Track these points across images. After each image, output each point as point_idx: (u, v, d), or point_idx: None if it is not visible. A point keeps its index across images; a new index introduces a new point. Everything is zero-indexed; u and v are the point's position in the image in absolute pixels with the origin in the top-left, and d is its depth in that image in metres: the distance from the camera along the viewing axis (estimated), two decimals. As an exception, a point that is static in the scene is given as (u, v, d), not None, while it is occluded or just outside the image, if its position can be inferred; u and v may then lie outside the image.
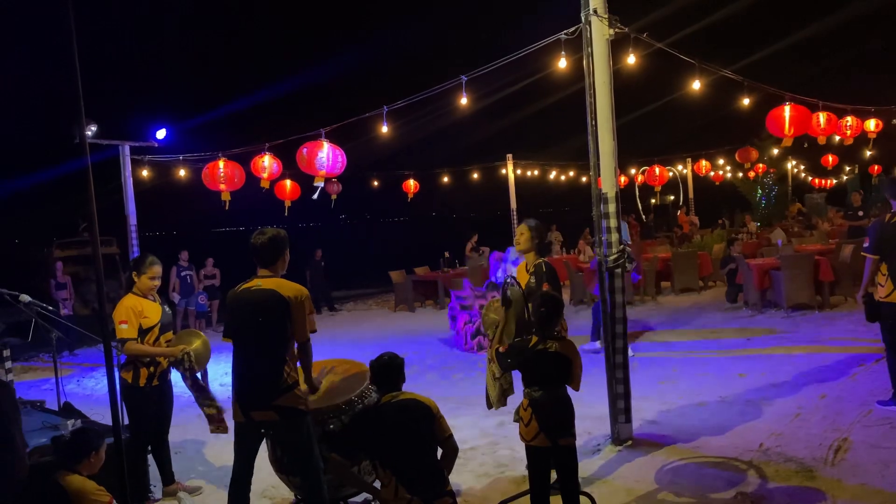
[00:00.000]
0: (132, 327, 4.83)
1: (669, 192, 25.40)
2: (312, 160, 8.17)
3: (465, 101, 7.22)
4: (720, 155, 22.59)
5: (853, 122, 10.40)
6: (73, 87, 3.15)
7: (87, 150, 3.30)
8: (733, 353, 8.56)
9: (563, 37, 5.95)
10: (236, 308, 3.99)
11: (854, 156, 24.99)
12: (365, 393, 4.30)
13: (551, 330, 3.98)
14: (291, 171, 10.33)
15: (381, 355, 3.70)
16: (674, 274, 14.23)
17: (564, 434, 3.89)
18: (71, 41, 3.10)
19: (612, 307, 5.60)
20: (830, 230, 18.54)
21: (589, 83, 5.57)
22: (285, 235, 4.10)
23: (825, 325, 9.78)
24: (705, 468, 4.98)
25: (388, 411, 3.52)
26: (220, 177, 9.36)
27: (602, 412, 5.82)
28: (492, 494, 4.81)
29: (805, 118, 8.15)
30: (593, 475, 4.98)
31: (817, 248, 12.76)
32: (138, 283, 5.00)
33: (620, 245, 5.56)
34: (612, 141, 5.56)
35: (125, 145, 9.96)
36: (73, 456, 3.40)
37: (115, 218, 10.10)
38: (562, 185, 22.42)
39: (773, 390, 6.76)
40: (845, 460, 4.90)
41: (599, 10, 5.45)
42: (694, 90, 7.51)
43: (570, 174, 22.15)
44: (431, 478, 3.42)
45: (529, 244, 5.07)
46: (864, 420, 5.67)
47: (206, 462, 6.02)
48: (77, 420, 5.54)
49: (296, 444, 3.91)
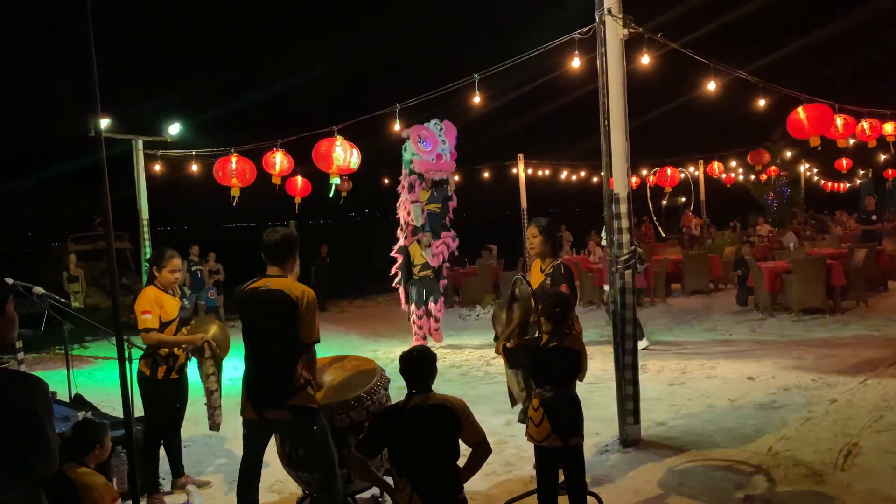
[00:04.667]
0: (155, 317, 4.88)
1: (681, 193, 25.28)
2: (329, 157, 8.21)
3: (477, 99, 7.22)
4: (732, 157, 22.47)
5: (871, 125, 10.31)
6: (90, 80, 3.17)
7: (103, 144, 3.33)
8: (743, 356, 8.52)
9: (576, 36, 5.94)
10: (245, 307, 3.99)
11: (868, 159, 24.80)
12: (374, 389, 4.31)
13: (563, 329, 3.98)
14: (303, 167, 10.38)
15: (413, 347, 3.55)
16: (684, 276, 14.18)
17: (574, 434, 3.88)
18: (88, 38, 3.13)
19: (621, 307, 5.58)
20: (843, 234, 18.42)
21: (602, 83, 5.55)
22: (297, 236, 4.12)
23: (836, 330, 9.72)
24: (714, 471, 4.96)
25: (415, 416, 3.30)
26: (232, 172, 9.40)
27: (611, 413, 5.80)
28: (499, 493, 4.81)
29: (825, 118, 8.07)
30: (601, 476, 4.96)
31: (829, 252, 12.68)
32: (159, 277, 5.04)
33: (632, 245, 5.54)
34: (624, 141, 5.54)
35: (138, 140, 10.02)
36: (79, 449, 3.42)
37: (126, 213, 10.16)
38: (573, 185, 22.37)
39: (783, 394, 6.73)
40: (855, 465, 4.86)
41: (614, 9, 5.43)
42: (708, 91, 7.47)
43: (582, 174, 22.10)
44: (449, 486, 3.34)
45: (544, 247, 5.05)
46: (875, 425, 5.63)
47: (216, 455, 6.05)
48: (88, 412, 5.58)
49: (311, 441, 3.92)
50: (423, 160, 9.96)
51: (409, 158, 10.15)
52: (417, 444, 3.29)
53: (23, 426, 2.18)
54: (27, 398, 2.21)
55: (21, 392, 2.22)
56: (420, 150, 9.93)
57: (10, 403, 2.19)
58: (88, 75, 3.23)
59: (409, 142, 10.04)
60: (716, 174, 21.33)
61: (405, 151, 10.22)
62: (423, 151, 9.95)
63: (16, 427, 2.17)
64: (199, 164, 10.66)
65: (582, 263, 14.75)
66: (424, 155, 9.95)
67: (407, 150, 10.16)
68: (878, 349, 8.29)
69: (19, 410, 2.19)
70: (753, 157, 19.14)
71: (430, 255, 10.09)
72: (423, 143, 9.92)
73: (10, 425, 2.16)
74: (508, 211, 17.35)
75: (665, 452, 5.36)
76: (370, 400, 4.26)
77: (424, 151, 9.95)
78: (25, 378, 2.29)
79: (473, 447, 3.36)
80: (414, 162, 10.01)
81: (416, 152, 9.95)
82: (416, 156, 9.97)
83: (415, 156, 9.99)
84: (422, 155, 9.94)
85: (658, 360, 8.62)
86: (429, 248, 10.07)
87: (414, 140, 9.92)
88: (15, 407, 2.19)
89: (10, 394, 2.21)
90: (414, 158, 10.01)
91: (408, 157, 10.17)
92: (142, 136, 10.06)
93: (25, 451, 2.18)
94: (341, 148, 8.29)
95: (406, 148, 10.16)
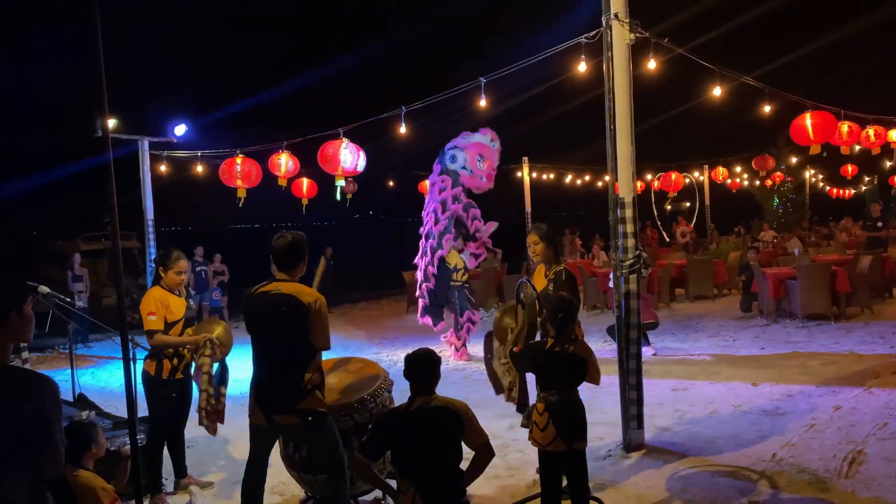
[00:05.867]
0: (160, 318, 4.89)
1: (685, 198, 25.25)
2: (334, 159, 8.23)
3: (483, 103, 7.22)
4: (737, 162, 22.44)
5: (876, 131, 10.30)
6: (98, 81, 3.18)
7: (110, 145, 3.34)
8: (747, 362, 8.50)
9: (583, 41, 5.94)
10: (254, 311, 3.98)
11: (873, 166, 24.76)
12: (378, 392, 4.31)
13: (568, 333, 3.98)
14: (308, 169, 10.39)
15: (417, 350, 3.51)
16: (688, 281, 14.15)
17: (579, 439, 3.88)
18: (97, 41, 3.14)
19: (626, 313, 5.57)
20: (848, 241, 18.37)
21: (608, 88, 5.56)
22: (305, 239, 4.10)
23: (841, 336, 9.68)
24: (717, 477, 4.95)
25: (418, 419, 3.30)
26: (238, 173, 9.43)
27: (614, 418, 5.80)
28: (502, 497, 4.80)
29: (829, 125, 8.07)
30: (604, 481, 4.96)
31: (834, 259, 12.65)
32: (165, 278, 5.06)
33: (637, 250, 5.54)
34: (630, 146, 5.54)
35: (144, 140, 10.05)
36: (74, 452, 3.39)
37: (135, 213, 10.20)
38: (577, 190, 22.34)
39: (787, 400, 6.71)
40: (860, 473, 4.85)
41: (621, 14, 5.43)
42: (713, 96, 7.47)
43: (586, 178, 22.08)
44: (451, 488, 3.33)
45: (546, 253, 5.04)
46: (880, 433, 5.61)
47: (218, 456, 6.06)
48: (91, 411, 5.60)
49: (320, 444, 3.93)
50: (473, 177, 9.76)
51: (455, 169, 9.82)
52: (420, 447, 3.28)
53: (31, 425, 2.18)
54: (36, 397, 2.21)
55: (30, 391, 2.23)
56: (476, 168, 9.72)
57: (18, 402, 2.20)
58: (96, 75, 3.25)
59: (462, 152, 9.79)
60: (719, 180, 21.29)
61: (453, 161, 9.87)
62: (478, 170, 9.75)
63: (24, 426, 2.17)
64: (204, 165, 10.69)
65: (586, 267, 14.74)
66: (478, 173, 9.76)
67: (457, 159, 9.83)
68: (882, 356, 8.26)
69: (28, 409, 2.19)
70: (758, 163, 19.13)
71: (469, 257, 9.97)
72: (481, 161, 9.75)
73: (19, 424, 2.17)
74: (512, 215, 17.28)
75: (668, 458, 5.35)
76: (374, 403, 4.26)
77: (479, 170, 9.76)
78: (35, 377, 2.29)
79: (476, 450, 3.35)
80: (463, 176, 9.76)
81: (471, 168, 9.72)
82: (468, 171, 9.72)
83: (465, 170, 9.74)
84: (476, 173, 9.74)
85: (662, 365, 8.61)
86: (462, 251, 9.89)
87: (473, 158, 9.70)
88: (23, 406, 2.19)
89: (18, 392, 2.21)
90: (463, 172, 9.76)
91: (454, 167, 9.83)
92: (147, 136, 10.10)
93: (32, 450, 2.18)
94: (347, 150, 8.30)
95: (455, 157, 9.84)
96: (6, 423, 2.16)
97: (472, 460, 3.37)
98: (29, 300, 2.39)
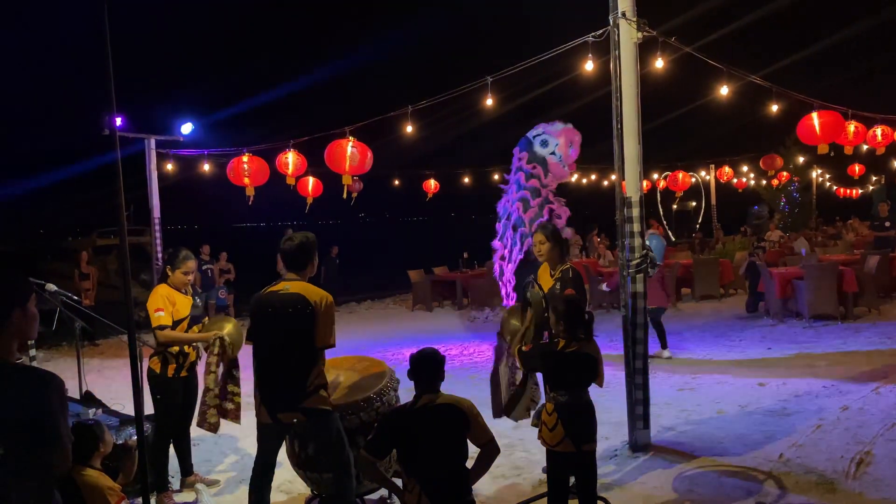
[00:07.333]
0: (168, 314, 4.91)
1: (692, 198, 25.17)
2: (341, 158, 8.23)
3: (490, 102, 7.22)
4: (744, 162, 22.37)
5: (883, 131, 10.24)
6: (105, 79, 3.19)
7: (118, 143, 3.34)
8: (753, 362, 8.48)
9: (590, 39, 5.92)
10: (262, 311, 3.99)
11: (881, 165, 24.63)
12: (384, 391, 4.32)
13: (577, 332, 3.97)
14: (315, 167, 10.39)
15: (423, 349, 3.51)
16: (694, 281, 14.12)
17: (588, 439, 3.87)
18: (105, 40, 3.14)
19: (632, 312, 5.56)
20: (856, 240, 18.30)
21: (615, 87, 5.54)
22: (314, 240, 4.12)
23: (848, 337, 9.64)
24: (724, 477, 4.93)
25: (424, 416, 3.30)
26: (245, 172, 9.44)
27: (620, 418, 5.78)
28: (508, 497, 4.80)
29: (836, 124, 8.04)
30: (611, 481, 4.95)
31: (842, 259, 12.60)
32: (172, 277, 5.07)
33: (643, 250, 5.52)
34: (637, 145, 5.52)
35: (151, 139, 10.08)
36: (81, 453, 3.37)
37: (147, 210, 10.26)
38: (583, 189, 22.30)
39: (794, 400, 6.69)
40: (867, 474, 4.82)
41: (628, 12, 5.41)
42: (721, 96, 7.45)
43: (593, 177, 22.04)
44: (458, 487, 3.33)
45: (552, 252, 5.03)
46: (888, 433, 5.59)
47: (224, 454, 6.07)
48: (98, 409, 5.61)
49: (326, 442, 3.94)
50: (559, 164, 9.61)
51: (544, 155, 9.60)
52: (426, 445, 3.28)
53: (37, 422, 2.20)
54: (42, 395, 2.23)
55: (37, 388, 2.24)
56: (566, 154, 9.55)
57: (25, 399, 2.21)
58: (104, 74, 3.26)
59: (554, 138, 9.55)
60: (725, 179, 21.22)
61: (544, 146, 9.62)
62: (567, 158, 9.61)
63: (30, 423, 2.19)
64: (210, 163, 10.71)
65: (592, 266, 14.71)
66: (566, 160, 9.63)
67: (548, 144, 9.59)
68: (890, 356, 8.22)
69: (34, 407, 2.20)
70: (766, 162, 19.05)
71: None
72: (571, 148, 9.60)
73: (25, 421, 2.18)
74: (519, 214, 17.27)
75: (675, 458, 5.33)
76: (380, 401, 4.27)
77: (568, 158, 9.63)
78: (41, 374, 2.31)
79: (482, 448, 3.35)
80: (551, 162, 9.56)
81: (560, 154, 9.51)
82: (557, 156, 9.55)
83: (554, 156, 9.54)
84: (564, 160, 9.60)
85: (668, 364, 8.59)
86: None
87: (565, 144, 9.53)
88: (30, 403, 2.21)
89: (25, 390, 2.23)
90: (552, 158, 9.55)
91: (544, 153, 9.61)
92: (154, 135, 10.12)
93: (39, 447, 2.20)
94: (353, 149, 8.30)
95: (547, 142, 9.61)
96: (13, 420, 2.18)
97: (478, 458, 3.36)
98: (33, 297, 2.40)
